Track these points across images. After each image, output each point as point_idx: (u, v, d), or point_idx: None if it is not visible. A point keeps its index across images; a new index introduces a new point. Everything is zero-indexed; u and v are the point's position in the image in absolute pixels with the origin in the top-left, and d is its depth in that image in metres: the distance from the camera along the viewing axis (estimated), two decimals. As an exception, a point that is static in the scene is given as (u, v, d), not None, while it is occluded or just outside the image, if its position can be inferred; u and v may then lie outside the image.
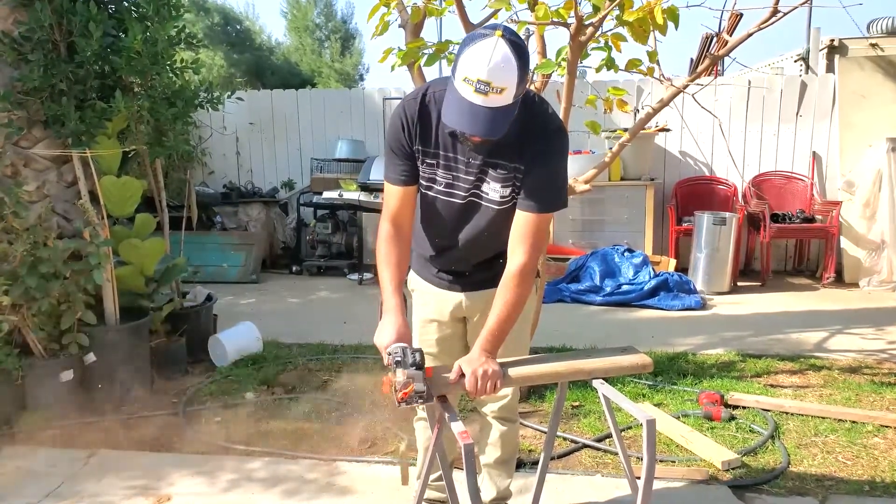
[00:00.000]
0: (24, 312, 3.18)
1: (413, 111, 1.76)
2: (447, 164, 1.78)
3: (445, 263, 1.99)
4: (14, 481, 2.66)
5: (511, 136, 1.65)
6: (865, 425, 2.94)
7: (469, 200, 1.82)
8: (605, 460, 2.74)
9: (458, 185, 1.80)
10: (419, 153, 1.79)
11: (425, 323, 2.08)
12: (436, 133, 1.76)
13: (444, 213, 1.87)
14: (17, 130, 3.38)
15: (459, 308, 2.00)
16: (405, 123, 1.77)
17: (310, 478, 2.63)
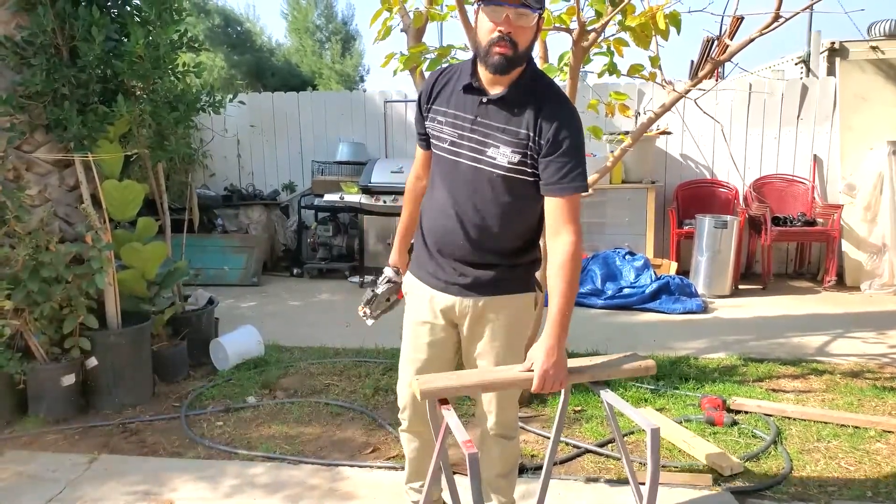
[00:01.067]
0: (25, 316, 3.18)
1: (431, 79, 1.96)
2: (454, 122, 1.85)
3: (447, 254, 1.93)
4: (15, 486, 2.66)
5: (524, 102, 1.77)
6: (868, 430, 2.94)
7: (475, 166, 1.83)
8: (607, 465, 2.73)
9: (463, 143, 1.84)
10: (430, 112, 1.93)
11: (417, 325, 2.02)
12: (450, 93, 1.89)
13: (449, 179, 1.88)
14: (20, 134, 3.38)
15: (452, 311, 1.95)
16: (423, 91, 1.97)
17: (312, 483, 2.63)
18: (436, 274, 1.96)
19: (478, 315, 1.93)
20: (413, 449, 2.18)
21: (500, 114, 1.80)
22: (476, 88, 1.82)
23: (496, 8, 1.70)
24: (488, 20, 1.72)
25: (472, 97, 1.83)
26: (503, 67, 1.74)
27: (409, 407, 2.09)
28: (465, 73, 1.85)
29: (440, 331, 1.99)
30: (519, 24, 1.70)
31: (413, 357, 2.04)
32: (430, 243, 1.97)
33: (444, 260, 1.94)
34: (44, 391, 3.24)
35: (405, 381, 2.07)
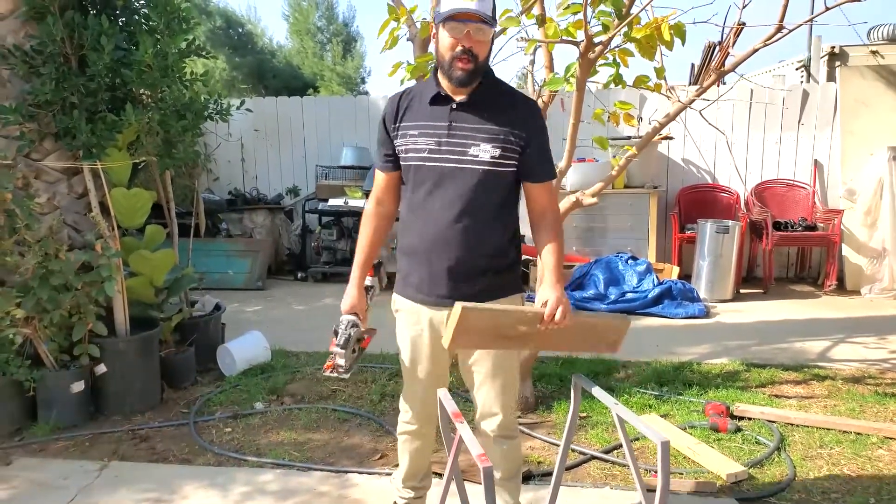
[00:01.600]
0: (35, 324, 3.21)
1: (394, 101, 2.03)
2: (428, 132, 1.94)
3: (439, 265, 1.96)
4: (27, 493, 2.69)
5: (495, 104, 1.94)
6: (870, 437, 2.97)
7: (463, 166, 1.92)
8: (613, 472, 2.77)
9: (446, 147, 1.92)
10: (399, 130, 1.99)
11: (416, 339, 2.08)
12: (417, 109, 1.97)
13: (434, 187, 1.94)
14: (29, 143, 3.42)
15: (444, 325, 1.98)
16: (387, 113, 2.02)
17: (322, 490, 2.65)
18: (428, 291, 2.00)
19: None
20: (414, 449, 2.25)
21: (473, 116, 1.93)
22: (444, 97, 1.94)
23: (457, 25, 1.82)
24: (449, 36, 1.84)
25: (441, 107, 1.94)
26: (466, 80, 1.88)
27: (417, 407, 2.17)
28: (429, 88, 1.97)
29: (438, 342, 2.02)
30: (478, 38, 1.84)
31: (416, 370, 2.12)
32: (420, 259, 2.00)
33: (436, 272, 1.97)
34: (53, 398, 3.26)
35: (413, 392, 2.16)
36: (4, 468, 2.90)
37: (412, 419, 2.19)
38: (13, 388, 3.20)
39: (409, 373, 2.14)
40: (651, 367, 3.91)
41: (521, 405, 3.36)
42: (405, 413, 2.22)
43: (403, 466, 2.30)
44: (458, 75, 1.85)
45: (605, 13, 2.76)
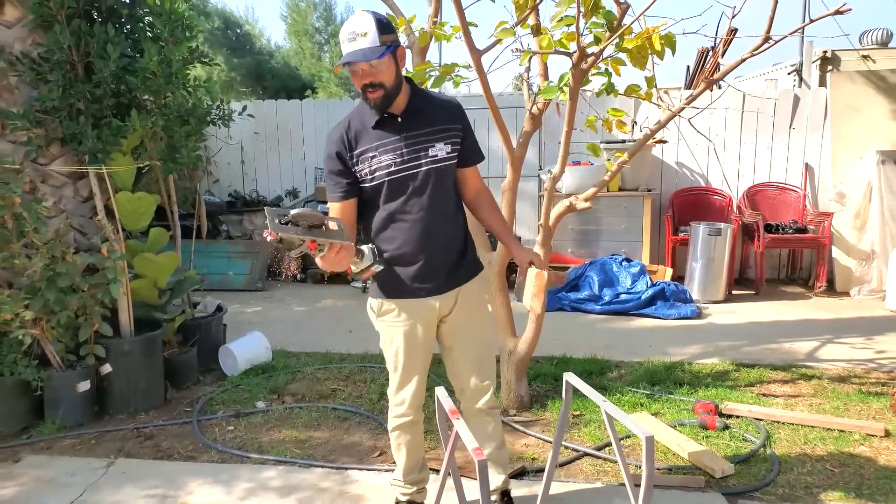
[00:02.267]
0: (43, 325, 3.29)
1: (341, 137, 2.14)
2: (385, 150, 2.11)
3: (426, 261, 2.17)
4: (35, 490, 2.77)
5: (430, 109, 2.18)
6: (852, 434, 3.07)
7: (428, 167, 2.14)
8: (605, 468, 2.86)
9: (408, 156, 2.12)
10: (357, 158, 2.12)
11: (409, 332, 2.24)
12: (366, 136, 2.13)
13: (406, 195, 2.14)
14: (36, 148, 3.50)
15: (434, 311, 2.24)
16: (338, 148, 2.13)
17: (323, 486, 2.74)
18: (421, 286, 2.21)
19: (452, 303, 2.25)
20: (409, 441, 2.38)
21: (421, 122, 2.15)
22: (387, 117, 2.13)
23: (351, 70, 2.03)
24: (352, 77, 2.06)
25: (388, 125, 2.13)
26: (382, 106, 2.09)
27: (411, 398, 2.31)
28: (366, 115, 2.15)
29: (429, 332, 2.26)
30: (371, 73, 2.02)
31: (411, 360, 2.27)
32: (409, 261, 2.18)
33: (429, 268, 2.19)
34: (60, 397, 3.35)
35: (408, 384, 2.30)
36: (13, 465, 2.99)
37: (407, 410, 2.31)
38: (21, 387, 3.28)
39: (404, 366, 2.27)
40: (643, 367, 4.01)
41: (516, 403, 3.45)
42: (398, 407, 2.33)
43: (402, 462, 2.40)
44: (373, 105, 2.08)
45: (598, 24, 2.85)
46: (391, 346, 2.28)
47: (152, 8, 3.57)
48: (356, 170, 2.13)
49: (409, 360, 2.26)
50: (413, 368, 2.28)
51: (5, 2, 3.44)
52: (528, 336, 3.38)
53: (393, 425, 2.37)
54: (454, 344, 2.32)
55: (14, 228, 3.21)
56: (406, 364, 2.27)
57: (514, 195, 3.34)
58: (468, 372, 2.33)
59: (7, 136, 3.47)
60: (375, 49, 1.97)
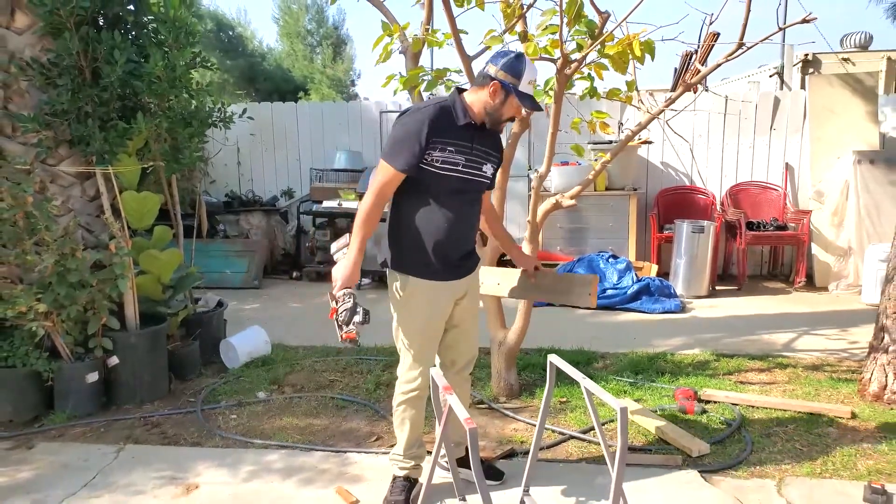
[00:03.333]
0: (53, 318, 3.44)
1: (428, 119, 2.33)
2: (460, 149, 2.38)
3: (454, 251, 2.47)
4: (51, 473, 2.91)
5: (490, 138, 2.50)
6: (822, 416, 3.27)
7: (479, 179, 2.47)
8: (589, 450, 3.04)
9: (471, 164, 2.42)
10: (440, 144, 2.33)
11: (433, 309, 2.47)
12: (451, 130, 2.36)
13: (458, 193, 2.42)
14: (46, 150, 3.65)
15: (453, 294, 2.53)
16: (430, 126, 2.32)
17: (324, 468, 2.91)
18: (448, 273, 2.49)
19: (467, 287, 2.59)
20: (413, 415, 2.58)
21: (485, 141, 2.46)
22: (471, 126, 2.41)
23: (525, 106, 2.37)
24: (516, 108, 2.39)
25: (468, 131, 2.41)
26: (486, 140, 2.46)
27: (423, 374, 2.51)
28: (459, 114, 2.39)
29: (448, 310, 2.54)
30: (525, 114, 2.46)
31: (432, 338, 2.54)
32: (443, 250, 2.43)
33: (454, 260, 2.49)
34: (69, 388, 3.49)
35: (426, 358, 2.53)
36: (27, 452, 3.13)
37: (419, 385, 2.51)
38: (32, 378, 3.42)
39: (421, 343, 2.50)
40: (627, 358, 4.20)
41: (506, 391, 3.63)
42: (409, 383, 2.51)
43: (404, 437, 2.58)
44: (501, 128, 2.49)
45: (580, 32, 3.03)
46: (411, 324, 2.48)
47: (157, 15, 3.73)
48: (431, 154, 2.34)
49: (426, 337, 2.49)
50: (427, 345, 2.50)
51: (16, 9, 3.58)
52: (517, 327, 3.56)
53: (400, 400, 2.56)
54: (460, 323, 2.59)
55: (25, 226, 3.36)
56: (422, 341, 2.49)
57: (504, 194, 3.52)
58: (465, 347, 2.65)
59: (18, 138, 3.62)
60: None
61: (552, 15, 2.94)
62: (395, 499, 2.54)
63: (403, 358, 2.54)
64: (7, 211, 3.25)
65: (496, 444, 3.09)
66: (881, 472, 2.76)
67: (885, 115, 6.49)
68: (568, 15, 2.87)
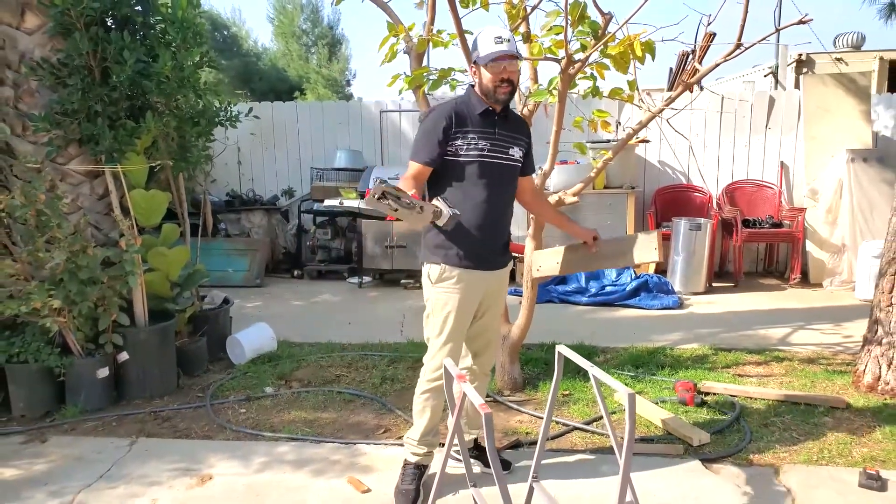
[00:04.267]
0: (65, 315, 3.49)
1: (449, 112, 2.50)
2: (483, 135, 2.51)
3: (487, 239, 2.55)
4: (66, 465, 2.97)
5: (515, 119, 2.67)
6: (817, 407, 3.36)
7: (507, 163, 2.57)
8: (593, 440, 3.12)
9: (496, 148, 2.54)
10: (461, 133, 2.48)
11: (466, 299, 2.56)
12: (470, 119, 2.51)
13: (487, 178, 2.51)
14: (56, 148, 3.70)
15: (485, 284, 2.61)
16: (447, 119, 2.48)
17: (334, 459, 2.97)
18: (486, 261, 2.59)
19: (502, 282, 2.73)
20: (436, 405, 2.65)
21: (508, 126, 2.59)
22: (489, 111, 2.54)
23: (496, 64, 2.42)
24: (489, 73, 2.45)
25: (488, 118, 2.54)
26: (508, 97, 2.53)
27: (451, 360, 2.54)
28: (474, 104, 2.55)
29: (478, 300, 2.63)
30: (511, 69, 2.46)
31: (459, 327, 2.59)
32: (479, 237, 2.53)
33: (493, 246, 2.60)
34: (81, 383, 3.54)
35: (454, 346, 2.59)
36: (41, 445, 3.19)
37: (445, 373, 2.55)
38: (44, 374, 3.47)
39: (450, 331, 2.56)
40: (628, 352, 4.28)
41: (510, 385, 3.71)
42: (437, 371, 2.59)
43: (422, 424, 2.65)
44: (502, 98, 2.50)
45: (584, 33, 3.11)
46: (442, 312, 2.56)
47: (165, 16, 3.79)
48: (454, 143, 2.48)
49: (456, 326, 2.56)
50: (456, 334, 2.58)
51: (26, 10, 3.63)
52: (520, 322, 3.64)
53: (424, 388, 2.63)
54: (486, 313, 2.69)
55: (37, 224, 3.41)
56: (452, 329, 2.56)
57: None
58: (487, 340, 2.77)
59: (28, 137, 3.67)
60: (517, 52, 2.42)
61: (556, 16, 3.01)
62: (406, 487, 2.61)
63: (431, 345, 2.62)
64: (20, 209, 3.30)
65: (502, 434, 3.16)
66: (875, 458, 2.84)
67: (877, 114, 6.60)
68: (572, 16, 2.94)
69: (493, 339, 2.82)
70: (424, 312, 2.65)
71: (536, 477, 2.34)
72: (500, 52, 2.39)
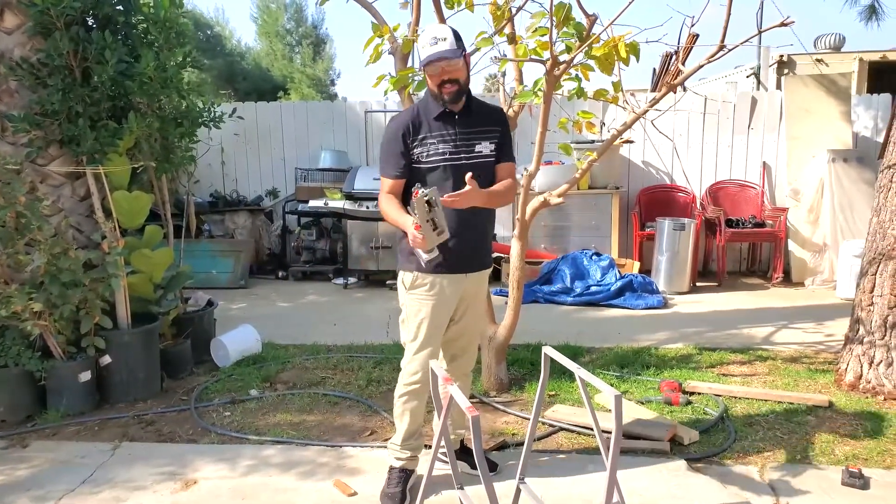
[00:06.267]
0: (46, 318, 3.44)
1: (406, 122, 2.50)
2: (442, 138, 2.48)
3: (461, 241, 2.49)
4: (50, 470, 2.93)
5: (482, 112, 2.59)
6: (801, 406, 3.40)
7: (474, 161, 2.52)
8: (578, 441, 3.13)
9: (459, 148, 2.50)
10: (417, 142, 2.47)
11: (440, 305, 2.54)
12: (427, 125, 2.51)
13: (457, 180, 2.44)
14: (36, 150, 3.65)
15: (461, 287, 2.58)
16: (404, 129, 2.48)
17: (321, 461, 2.96)
18: (458, 266, 2.55)
19: (475, 288, 2.67)
20: (414, 407, 2.64)
21: (473, 121, 2.54)
22: (447, 112, 2.51)
23: (433, 67, 2.40)
24: (429, 76, 2.45)
25: (446, 119, 2.51)
26: (454, 99, 2.47)
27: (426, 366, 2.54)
28: (431, 108, 2.53)
29: (454, 304, 2.60)
30: (450, 69, 2.41)
31: (435, 331, 2.58)
32: (452, 240, 2.45)
33: (465, 251, 2.53)
34: (62, 387, 3.50)
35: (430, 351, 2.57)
36: (23, 450, 3.14)
37: (421, 378, 2.57)
38: (25, 378, 3.42)
39: (425, 336, 2.56)
40: (613, 352, 4.30)
41: (496, 385, 3.71)
42: (413, 375, 2.58)
43: (403, 428, 2.64)
44: (446, 98, 2.46)
45: (569, 34, 3.12)
46: (416, 318, 2.55)
47: (147, 15, 3.74)
48: (414, 152, 2.48)
49: (431, 330, 2.55)
50: (432, 338, 2.56)
51: (5, 9, 3.58)
52: (506, 322, 3.64)
53: (403, 391, 2.63)
54: (464, 316, 2.66)
55: (17, 227, 3.36)
56: (427, 334, 2.55)
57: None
58: (466, 342, 2.74)
59: (8, 138, 3.61)
60: (455, 51, 2.38)
61: (542, 17, 3.02)
62: (391, 490, 2.61)
63: (407, 349, 2.61)
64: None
65: (488, 436, 3.16)
66: (857, 456, 2.88)
67: (857, 114, 6.70)
68: (557, 17, 2.95)
69: (471, 342, 2.79)
70: (400, 317, 2.65)
71: (523, 478, 2.35)
72: (434, 55, 2.37)
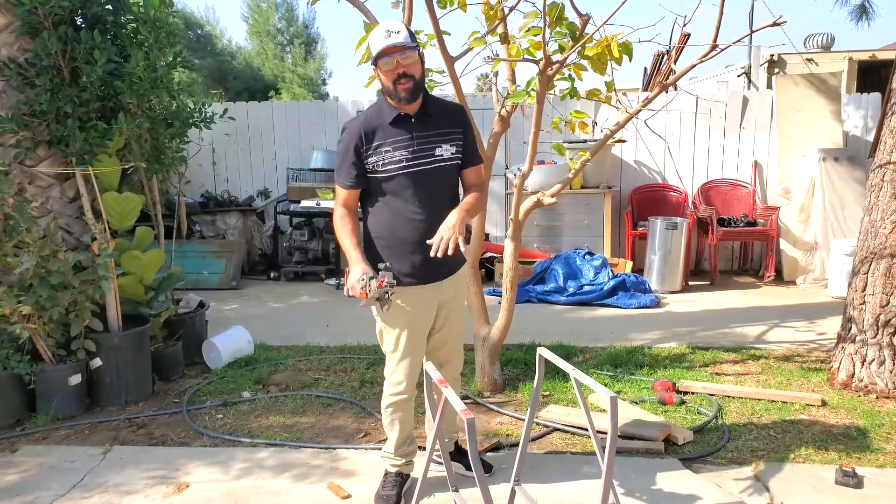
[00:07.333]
0: (35, 321, 3.40)
1: (359, 130, 2.36)
2: (398, 145, 2.34)
3: (423, 255, 2.34)
4: (39, 475, 2.90)
5: (442, 113, 2.44)
6: (794, 405, 3.41)
7: (435, 166, 2.39)
8: (573, 441, 3.12)
9: (418, 154, 2.36)
10: (373, 150, 2.34)
11: (415, 315, 2.46)
12: (381, 132, 2.36)
13: (412, 188, 2.36)
14: (25, 151, 3.61)
15: (436, 296, 2.49)
16: (356, 141, 2.35)
17: (315, 464, 2.94)
18: (427, 274, 2.44)
19: (454, 291, 2.57)
20: (403, 416, 2.59)
21: (432, 124, 2.40)
22: (402, 116, 2.37)
23: (388, 59, 2.26)
24: (384, 70, 2.29)
25: (401, 124, 2.37)
26: (410, 97, 2.31)
27: (412, 376, 2.53)
28: (384, 112, 2.38)
29: (431, 314, 2.51)
30: (407, 62, 2.27)
31: (416, 342, 2.51)
32: (413, 250, 2.39)
33: (425, 258, 2.34)
34: (52, 390, 3.46)
35: (412, 363, 2.51)
36: (11, 455, 3.11)
37: (406, 388, 2.52)
38: (14, 381, 3.39)
39: (404, 348, 2.48)
40: (606, 352, 4.30)
41: (490, 386, 3.70)
42: (396, 386, 2.53)
43: (394, 437, 2.61)
44: (402, 95, 2.29)
45: (561, 34, 3.11)
46: (393, 331, 2.48)
47: (137, 15, 3.71)
48: (368, 161, 2.35)
49: (410, 342, 2.48)
50: (412, 350, 2.49)
51: (-8, 9, 3.54)
52: (500, 323, 3.63)
53: (388, 402, 2.57)
54: (444, 325, 2.58)
55: (5, 228, 3.32)
56: (406, 346, 2.48)
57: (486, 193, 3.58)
58: (451, 349, 2.66)
59: (-5, 139, 3.57)
60: (409, 43, 2.25)
61: (534, 17, 3.01)
62: (386, 493, 2.59)
63: (388, 361, 2.56)
64: (-14, 213, 3.21)
65: (483, 437, 3.15)
66: (851, 455, 2.89)
67: (847, 114, 6.73)
68: (550, 17, 2.94)
69: (455, 349, 2.70)
70: (376, 327, 2.56)
71: (518, 481, 2.34)
72: (389, 44, 2.22)
